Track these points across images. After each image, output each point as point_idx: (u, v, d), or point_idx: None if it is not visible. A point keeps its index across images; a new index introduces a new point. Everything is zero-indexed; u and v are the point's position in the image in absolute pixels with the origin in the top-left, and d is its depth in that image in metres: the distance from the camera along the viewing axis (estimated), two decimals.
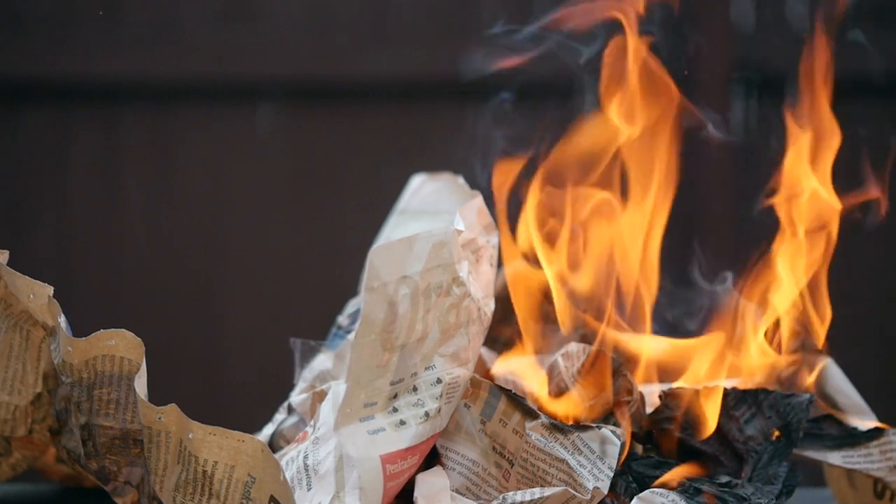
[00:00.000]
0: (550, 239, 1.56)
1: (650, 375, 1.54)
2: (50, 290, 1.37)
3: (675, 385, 1.49)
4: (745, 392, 1.45)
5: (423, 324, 1.30)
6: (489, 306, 1.42)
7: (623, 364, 1.44)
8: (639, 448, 1.43)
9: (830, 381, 1.55)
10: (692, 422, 1.43)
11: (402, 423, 1.30)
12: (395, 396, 1.30)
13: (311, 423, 1.41)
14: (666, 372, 1.55)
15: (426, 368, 1.32)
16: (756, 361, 1.53)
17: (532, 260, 1.58)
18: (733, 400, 1.44)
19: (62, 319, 1.35)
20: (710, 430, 1.42)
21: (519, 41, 1.65)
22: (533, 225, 1.56)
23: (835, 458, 1.47)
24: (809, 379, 1.53)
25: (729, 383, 1.49)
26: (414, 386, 1.31)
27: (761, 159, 1.65)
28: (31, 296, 1.38)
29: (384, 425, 1.29)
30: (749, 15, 1.63)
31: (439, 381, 1.32)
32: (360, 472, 1.26)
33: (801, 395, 1.45)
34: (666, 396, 1.44)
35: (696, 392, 1.43)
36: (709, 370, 1.52)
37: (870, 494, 1.52)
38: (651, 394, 1.48)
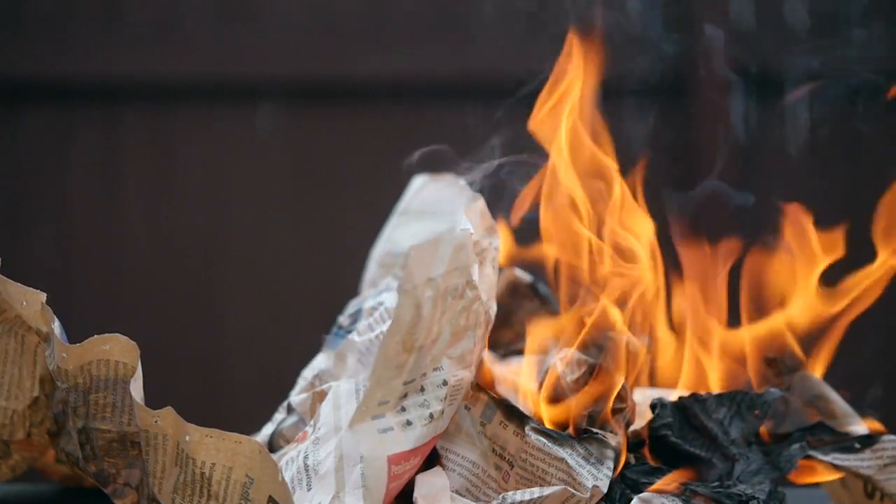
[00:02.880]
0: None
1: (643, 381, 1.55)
2: (43, 296, 1.36)
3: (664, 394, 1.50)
4: (722, 395, 1.47)
5: (438, 325, 1.31)
6: (492, 309, 1.43)
7: (618, 372, 1.45)
8: (631, 458, 1.43)
9: (813, 389, 1.56)
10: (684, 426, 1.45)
11: (409, 423, 1.30)
12: (405, 396, 1.31)
13: (311, 423, 1.41)
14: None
15: (434, 369, 1.33)
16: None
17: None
18: (712, 403, 1.46)
19: (56, 325, 1.34)
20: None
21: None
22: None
23: (827, 458, 1.47)
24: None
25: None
26: (422, 386, 1.32)
27: (760, 159, 1.65)
28: (24, 303, 1.38)
29: (393, 424, 1.30)
30: (749, 15, 1.63)
31: (445, 382, 1.33)
32: (368, 471, 1.26)
33: (773, 391, 1.48)
34: (657, 405, 1.45)
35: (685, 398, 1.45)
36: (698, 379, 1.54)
37: (861, 495, 1.53)
38: (648, 399, 1.49)
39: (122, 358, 1.32)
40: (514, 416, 1.39)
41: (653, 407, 1.46)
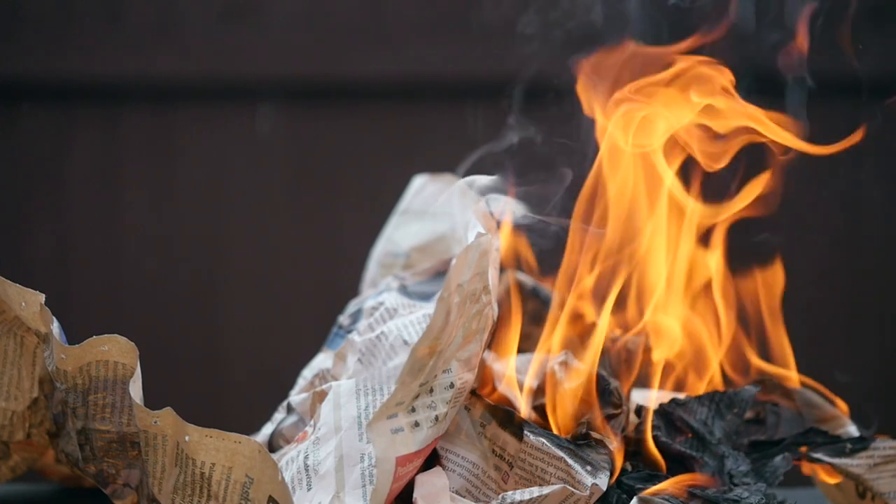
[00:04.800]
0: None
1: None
2: (41, 297, 1.36)
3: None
4: (700, 396, 1.49)
5: (455, 329, 1.31)
6: (495, 311, 1.43)
7: (613, 378, 1.46)
8: (627, 465, 1.44)
9: (799, 397, 1.58)
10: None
11: (417, 424, 1.31)
12: (417, 396, 1.31)
13: (311, 422, 1.41)
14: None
15: (444, 371, 1.33)
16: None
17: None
18: (693, 405, 1.48)
19: (55, 326, 1.34)
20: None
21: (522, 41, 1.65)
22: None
23: (817, 455, 1.49)
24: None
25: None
26: (431, 387, 1.32)
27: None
28: (23, 304, 1.37)
29: (403, 425, 1.30)
30: (750, 15, 1.63)
31: (452, 385, 1.33)
32: (376, 472, 1.27)
33: (749, 388, 1.51)
34: (640, 410, 1.47)
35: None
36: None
37: (853, 496, 1.54)
38: (648, 400, 1.51)
39: (121, 359, 1.32)
40: (511, 422, 1.39)
41: (637, 413, 1.47)
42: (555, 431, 1.43)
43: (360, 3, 3.30)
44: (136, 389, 1.30)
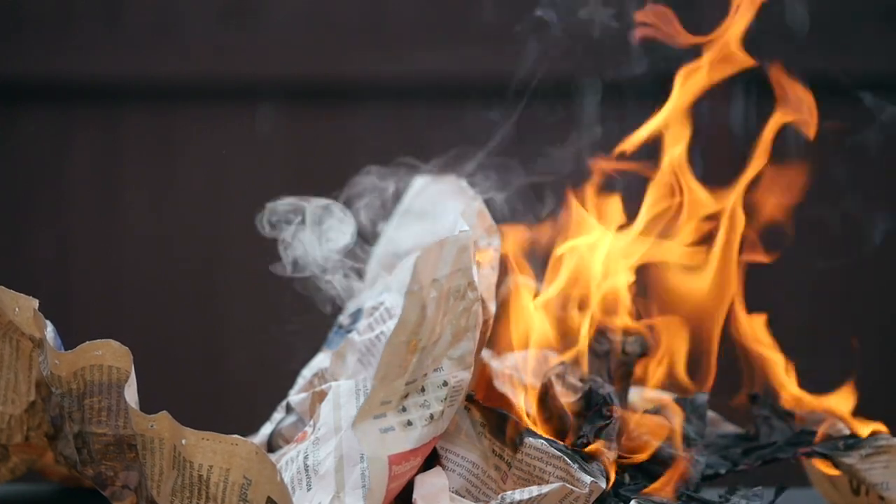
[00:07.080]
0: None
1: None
2: (35, 303, 1.36)
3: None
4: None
5: (440, 326, 1.31)
6: (492, 309, 1.43)
7: (608, 383, 1.47)
8: (626, 476, 1.45)
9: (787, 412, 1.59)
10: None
11: (410, 423, 1.31)
12: (406, 396, 1.31)
13: (311, 423, 1.41)
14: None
15: (435, 370, 1.33)
16: None
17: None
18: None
19: (49, 331, 1.34)
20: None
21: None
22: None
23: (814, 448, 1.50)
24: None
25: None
26: (422, 386, 1.32)
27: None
28: (17, 309, 1.37)
29: (394, 424, 1.30)
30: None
31: (445, 383, 1.33)
32: (370, 471, 1.27)
33: (699, 395, 1.54)
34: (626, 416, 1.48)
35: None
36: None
37: (848, 493, 1.54)
38: (645, 400, 1.51)
39: (115, 363, 1.31)
40: (505, 429, 1.39)
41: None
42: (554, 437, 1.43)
43: (360, 3, 3.31)
44: (130, 393, 1.30)
